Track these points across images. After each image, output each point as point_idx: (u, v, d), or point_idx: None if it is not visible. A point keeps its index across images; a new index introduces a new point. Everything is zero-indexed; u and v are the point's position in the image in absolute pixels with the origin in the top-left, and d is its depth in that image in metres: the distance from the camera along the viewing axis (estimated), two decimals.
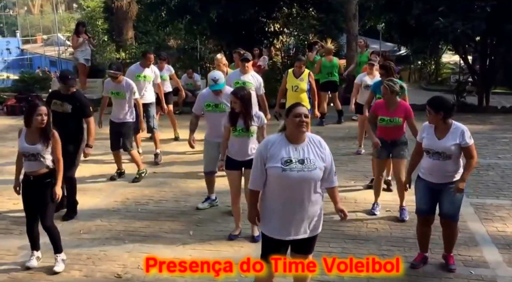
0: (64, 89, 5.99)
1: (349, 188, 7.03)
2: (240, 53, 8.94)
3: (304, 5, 14.37)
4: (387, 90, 5.65)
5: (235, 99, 5.09)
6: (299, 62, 7.89)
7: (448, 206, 4.58)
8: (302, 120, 3.51)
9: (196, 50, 15.33)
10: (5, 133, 10.56)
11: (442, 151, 4.47)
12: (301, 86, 7.78)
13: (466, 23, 10.93)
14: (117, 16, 19.02)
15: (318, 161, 3.55)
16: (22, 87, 16.33)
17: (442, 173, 4.53)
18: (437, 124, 4.50)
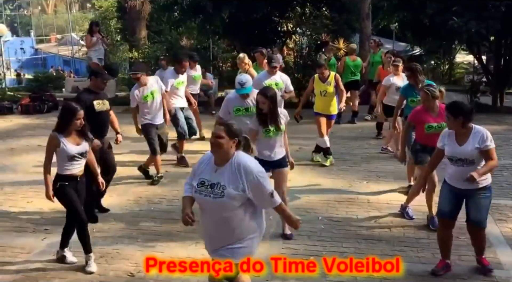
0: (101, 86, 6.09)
1: (363, 188, 7.00)
2: (262, 52, 8.97)
3: (317, 4, 14.31)
4: (429, 96, 5.41)
5: (264, 99, 5.04)
6: (320, 68, 7.78)
7: (475, 212, 4.49)
8: (211, 141, 3.41)
9: (209, 50, 15.36)
10: (19, 132, 10.68)
11: (464, 157, 4.38)
12: (329, 90, 7.72)
13: (480, 23, 10.81)
14: (130, 16, 19.14)
15: (229, 189, 3.35)
16: (36, 87, 16.50)
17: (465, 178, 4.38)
18: (457, 130, 4.42)
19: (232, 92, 6.20)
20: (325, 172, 7.71)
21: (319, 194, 6.74)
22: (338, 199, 6.59)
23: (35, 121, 11.89)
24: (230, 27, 13.89)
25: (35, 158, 8.42)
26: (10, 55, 29.89)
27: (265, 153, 5.20)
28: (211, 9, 12.72)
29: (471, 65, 22.35)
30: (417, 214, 5.99)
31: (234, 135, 3.42)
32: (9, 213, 6.21)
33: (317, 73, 7.83)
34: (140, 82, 7.00)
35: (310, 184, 7.18)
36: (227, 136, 3.38)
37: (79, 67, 30.83)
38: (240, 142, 3.48)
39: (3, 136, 10.27)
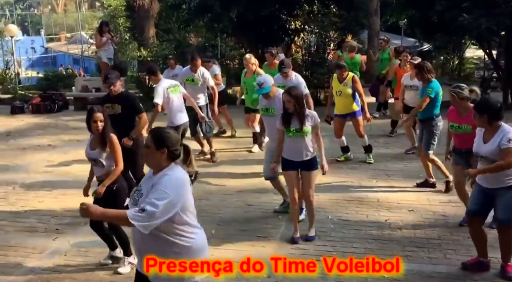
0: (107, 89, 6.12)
1: (372, 187, 6.98)
2: (272, 53, 8.95)
3: (325, 2, 14.27)
4: (454, 97, 5.27)
5: (290, 98, 5.04)
6: (339, 70, 7.75)
7: (500, 211, 4.43)
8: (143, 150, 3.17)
9: (217, 48, 15.37)
10: (30, 131, 10.76)
11: (485, 155, 4.35)
12: (345, 91, 7.71)
13: (490, 19, 10.70)
14: (139, 15, 19.21)
15: (143, 199, 3.02)
16: (46, 85, 16.62)
17: (492, 177, 4.38)
18: (485, 127, 4.38)
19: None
20: (334, 171, 7.67)
21: (328, 193, 6.72)
22: (347, 198, 6.57)
23: (46, 120, 11.98)
24: (238, 25, 13.89)
25: (46, 158, 8.51)
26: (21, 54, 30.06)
27: (289, 152, 5.24)
28: (219, 8, 12.73)
29: (481, 60, 22.07)
30: (427, 213, 5.97)
31: (162, 145, 3.01)
32: (21, 212, 6.26)
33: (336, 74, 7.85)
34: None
35: (319, 182, 7.07)
36: (153, 146, 3.01)
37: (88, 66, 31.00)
38: (173, 152, 3.05)
39: (15, 136, 10.36)
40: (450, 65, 23.14)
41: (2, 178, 7.59)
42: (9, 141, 9.96)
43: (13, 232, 5.71)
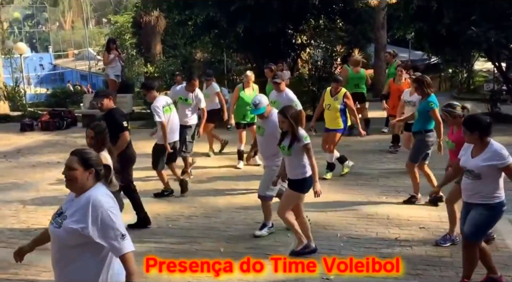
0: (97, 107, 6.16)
1: (381, 203, 6.90)
2: (271, 68, 8.98)
3: (332, 16, 14.32)
4: (447, 116, 5.32)
5: (283, 118, 5.08)
6: (335, 83, 7.84)
7: (467, 225, 4.43)
8: (64, 173, 3.03)
9: (223, 63, 15.44)
10: (39, 149, 10.80)
11: (471, 169, 4.37)
12: (334, 105, 7.77)
13: (499, 32, 10.67)
14: (146, 31, 19.43)
15: (68, 221, 2.90)
16: (55, 102, 16.76)
17: (472, 192, 4.42)
18: (474, 144, 4.40)
19: None
20: (343, 187, 7.63)
21: (337, 210, 6.65)
22: (356, 215, 6.50)
23: (55, 137, 12.04)
24: (244, 41, 13.96)
25: (55, 175, 8.51)
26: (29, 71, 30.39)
27: (286, 169, 5.30)
28: (225, 24, 12.80)
29: (490, 72, 21.94)
30: (439, 230, 5.88)
31: (89, 165, 2.98)
32: (31, 230, 6.21)
33: (330, 87, 7.89)
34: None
35: (327, 199, 7.08)
36: (81, 167, 2.97)
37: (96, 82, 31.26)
38: (99, 172, 3.04)
39: (25, 153, 10.41)
40: (459, 78, 23.04)
41: (13, 196, 7.61)
42: (19, 158, 10.01)
43: None
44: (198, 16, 12.79)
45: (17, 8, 53.86)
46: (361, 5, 13.34)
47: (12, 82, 17.61)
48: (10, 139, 12.01)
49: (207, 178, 8.26)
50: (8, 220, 6.62)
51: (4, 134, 12.53)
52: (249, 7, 12.22)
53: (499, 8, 10.87)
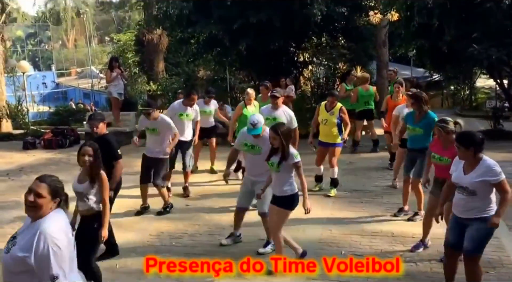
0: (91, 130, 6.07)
1: (386, 220, 6.86)
2: (267, 86, 8.99)
3: (334, 34, 14.44)
4: (441, 132, 5.32)
5: (275, 135, 5.10)
6: (331, 97, 7.87)
7: (466, 241, 4.46)
8: (28, 198, 2.93)
9: (226, 81, 15.53)
10: (42, 167, 10.77)
11: (466, 185, 4.39)
12: (331, 120, 7.78)
13: (501, 49, 10.74)
14: (148, 49, 19.56)
15: (16, 247, 2.81)
16: (58, 120, 16.82)
17: (467, 208, 4.45)
18: (467, 160, 4.43)
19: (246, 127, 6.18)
20: (347, 204, 7.60)
21: (341, 227, 6.62)
22: (361, 232, 6.46)
23: (58, 156, 12.03)
24: (247, 58, 14.05)
25: None
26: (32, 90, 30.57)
27: (273, 185, 5.33)
28: (228, 42, 12.89)
29: (492, 89, 22.04)
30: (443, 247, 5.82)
31: (58, 195, 2.95)
32: None
33: (325, 101, 7.93)
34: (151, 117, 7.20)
35: (331, 216, 7.07)
36: (50, 196, 2.90)
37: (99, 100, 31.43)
38: (61, 200, 2.99)
39: (27, 172, 10.38)
40: (461, 95, 23.14)
41: (15, 215, 7.52)
42: (22, 177, 9.98)
43: None
44: (200, 34, 12.90)
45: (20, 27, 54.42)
46: (363, 23, 13.44)
47: (15, 100, 17.72)
48: (12, 157, 11.99)
49: (211, 195, 8.23)
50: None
51: (7, 153, 12.53)
52: (251, 25, 12.33)
53: (500, 25, 10.93)
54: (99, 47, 50.61)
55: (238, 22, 12.37)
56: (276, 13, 12.26)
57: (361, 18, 13.37)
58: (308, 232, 6.46)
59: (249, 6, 12.29)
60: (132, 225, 6.98)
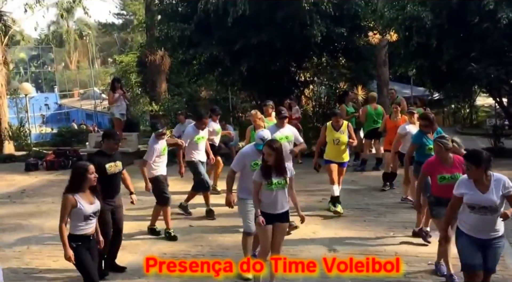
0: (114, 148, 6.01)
1: (389, 239, 6.83)
2: (270, 105, 9.08)
3: (334, 54, 14.59)
4: (442, 148, 5.35)
5: (271, 151, 5.07)
6: (335, 117, 7.89)
7: (492, 261, 4.49)
8: None
9: (228, 101, 15.63)
10: (45, 189, 10.80)
11: (489, 205, 4.35)
12: (342, 139, 7.81)
13: (499, 68, 10.86)
14: (151, 70, 19.73)
15: None
16: (60, 141, 16.86)
17: (490, 227, 4.42)
18: (479, 178, 4.40)
19: (247, 147, 6.12)
20: (350, 223, 7.58)
21: (344, 246, 6.58)
22: (364, 252, 6.41)
23: (60, 177, 12.03)
24: (249, 78, 14.17)
25: None
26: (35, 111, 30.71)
27: (268, 205, 5.15)
28: (229, 62, 13.02)
29: (492, 108, 22.19)
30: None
31: None
32: (36, 272, 6.18)
33: (330, 121, 7.95)
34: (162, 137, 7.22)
35: (335, 236, 7.04)
36: None
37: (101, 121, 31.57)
38: None
39: (30, 193, 10.40)
40: (461, 114, 23.26)
41: (17, 237, 7.55)
42: (24, 199, 10.00)
43: None
44: (202, 55, 13.03)
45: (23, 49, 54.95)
46: (362, 43, 13.60)
47: (17, 122, 17.80)
48: (14, 179, 12.02)
49: (214, 215, 8.21)
50: (11, 262, 6.54)
51: (9, 175, 12.56)
52: (252, 46, 12.46)
53: (497, 45, 11.06)
54: (102, 69, 51.02)
55: (239, 43, 12.51)
56: (277, 34, 12.41)
57: (361, 38, 13.53)
58: (313, 252, 6.42)
59: (250, 27, 12.44)
60: (135, 247, 6.94)
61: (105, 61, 57.87)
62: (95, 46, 55.37)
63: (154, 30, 17.23)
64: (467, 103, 22.91)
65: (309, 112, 14.00)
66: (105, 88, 34.61)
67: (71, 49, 58.34)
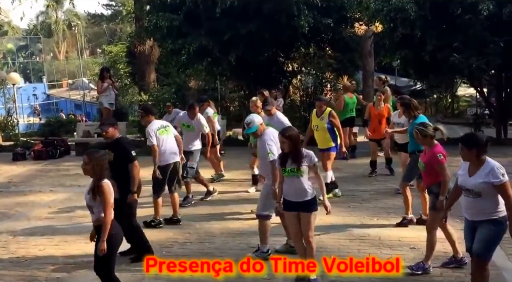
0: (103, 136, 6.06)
1: (373, 225, 7.01)
2: (263, 93, 9.24)
3: (321, 44, 14.69)
4: (418, 134, 5.43)
5: (283, 139, 5.07)
6: (319, 101, 8.07)
7: (476, 243, 4.47)
8: None
9: (217, 91, 15.68)
10: (32, 179, 10.78)
11: (471, 188, 4.41)
12: (322, 125, 7.95)
13: (481, 58, 11.09)
14: (140, 60, 19.60)
15: None
16: (48, 131, 16.82)
17: (475, 210, 4.46)
18: (471, 161, 4.46)
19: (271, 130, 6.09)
20: (335, 210, 7.65)
21: (329, 232, 6.74)
22: (349, 236, 6.58)
23: (48, 166, 12.06)
24: (237, 68, 14.23)
25: (47, 204, 8.53)
26: (23, 101, 30.49)
27: (287, 192, 5.19)
28: (218, 52, 13.07)
29: (473, 98, 22.58)
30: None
31: None
32: (22, 261, 6.19)
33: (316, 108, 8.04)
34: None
35: (320, 222, 7.10)
36: None
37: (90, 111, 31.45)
38: None
39: (17, 183, 10.40)
40: (443, 104, 23.59)
41: (3, 226, 7.54)
42: (11, 188, 9.99)
43: (13, 281, 5.62)
44: (191, 45, 13.04)
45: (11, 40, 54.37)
46: (349, 34, 13.70)
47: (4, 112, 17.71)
48: (1, 169, 11.93)
49: (201, 203, 8.32)
50: None
51: None
52: (241, 37, 12.52)
53: (479, 36, 11.27)
54: (91, 59, 50.59)
55: (228, 33, 12.56)
56: (265, 25, 12.48)
57: (347, 29, 13.64)
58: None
59: (238, 18, 12.49)
60: None
61: (94, 52, 57.40)
62: (84, 37, 54.85)
63: (143, 20, 17.13)
64: (449, 93, 23.28)
65: (297, 102, 14.12)
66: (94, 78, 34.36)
67: (59, 39, 57.76)
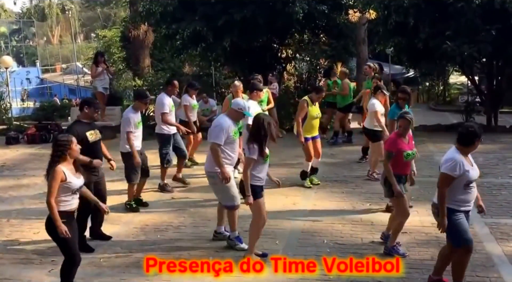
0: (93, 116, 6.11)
1: (365, 210, 7.09)
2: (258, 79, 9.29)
3: (315, 31, 14.65)
4: (411, 123, 5.49)
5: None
6: (320, 92, 8.07)
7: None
8: None
9: (211, 76, 15.63)
10: (26, 162, 10.78)
11: (477, 177, 4.58)
12: (319, 112, 8.18)
13: (472, 46, 11.17)
14: (134, 45, 19.51)
15: None
16: (42, 116, 16.74)
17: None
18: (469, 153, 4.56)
19: (225, 118, 5.84)
20: (329, 195, 7.82)
21: (323, 217, 6.82)
22: (342, 221, 6.66)
23: (42, 151, 12.00)
24: (231, 54, 14.18)
25: (42, 188, 8.49)
26: (16, 85, 30.26)
27: (262, 178, 5.30)
28: (212, 38, 13.01)
29: (464, 85, 22.74)
30: (420, 235, 6.07)
31: None
32: (16, 244, 6.22)
33: (310, 97, 7.95)
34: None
35: (314, 208, 7.27)
36: None
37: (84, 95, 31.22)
38: None
39: (10, 167, 10.40)
40: (435, 91, 23.73)
41: None
42: (4, 172, 9.99)
43: (8, 264, 5.65)
44: (185, 30, 12.97)
45: (4, 23, 53.80)
46: (343, 21, 13.67)
47: None
48: None
49: (195, 188, 8.35)
50: None
51: None
52: (235, 22, 12.46)
53: (471, 24, 11.32)
54: (85, 44, 50.13)
55: (222, 18, 12.50)
56: (260, 11, 12.42)
57: (341, 16, 13.61)
58: (293, 222, 6.65)
59: (233, 3, 12.43)
60: (118, 218, 6.99)
61: (88, 36, 56.87)
62: (78, 21, 54.36)
63: (137, 5, 16.99)
64: (441, 81, 23.42)
65: (291, 88, 14.11)
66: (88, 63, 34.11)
67: (53, 23, 57.20)
